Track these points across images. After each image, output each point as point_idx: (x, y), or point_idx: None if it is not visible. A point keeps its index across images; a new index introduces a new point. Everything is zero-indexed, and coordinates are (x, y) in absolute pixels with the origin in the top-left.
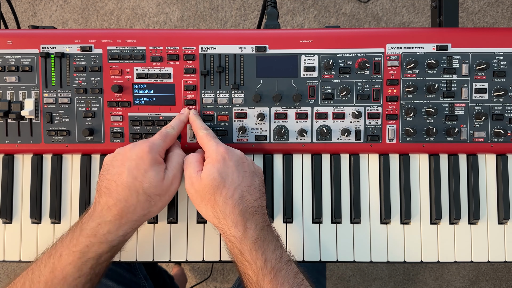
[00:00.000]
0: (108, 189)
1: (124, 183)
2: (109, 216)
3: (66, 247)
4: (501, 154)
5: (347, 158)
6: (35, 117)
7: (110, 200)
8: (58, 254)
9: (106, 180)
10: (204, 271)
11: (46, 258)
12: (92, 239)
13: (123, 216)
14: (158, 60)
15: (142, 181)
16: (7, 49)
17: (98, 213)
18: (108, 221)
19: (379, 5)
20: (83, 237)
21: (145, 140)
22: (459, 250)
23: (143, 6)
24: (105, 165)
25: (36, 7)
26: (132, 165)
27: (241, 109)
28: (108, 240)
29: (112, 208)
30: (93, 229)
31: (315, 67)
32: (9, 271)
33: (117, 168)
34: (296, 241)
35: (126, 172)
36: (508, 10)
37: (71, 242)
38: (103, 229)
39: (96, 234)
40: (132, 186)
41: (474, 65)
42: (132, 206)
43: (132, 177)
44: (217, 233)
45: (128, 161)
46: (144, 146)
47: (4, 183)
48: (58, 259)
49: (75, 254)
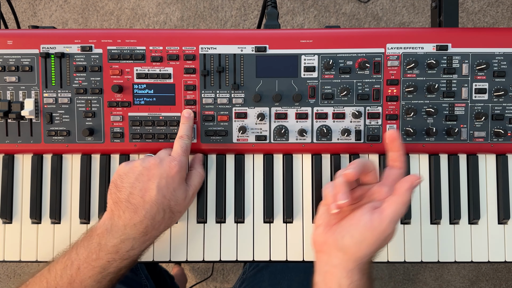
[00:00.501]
0: (133, 204)
1: (153, 200)
2: (134, 233)
3: (85, 261)
4: (501, 154)
5: (347, 158)
6: (35, 117)
7: (136, 217)
8: (75, 266)
9: (127, 193)
10: (204, 271)
11: (61, 268)
12: (114, 255)
13: (148, 233)
14: (158, 60)
15: (170, 199)
16: (7, 49)
17: (121, 229)
18: (132, 238)
19: (379, 5)
20: (104, 253)
21: (171, 158)
22: (459, 250)
23: (143, 6)
24: (122, 175)
25: (36, 7)
26: (162, 183)
27: (241, 109)
28: (130, 256)
29: (138, 225)
30: (115, 246)
31: (315, 67)
32: (9, 271)
33: (143, 184)
34: (296, 241)
35: (155, 190)
36: (508, 10)
37: (89, 257)
38: (126, 246)
39: (119, 251)
40: (160, 204)
41: (474, 65)
42: (158, 223)
43: (161, 195)
44: (217, 233)
45: (157, 178)
46: (173, 165)
47: (4, 183)
48: (76, 271)
49: (96, 269)
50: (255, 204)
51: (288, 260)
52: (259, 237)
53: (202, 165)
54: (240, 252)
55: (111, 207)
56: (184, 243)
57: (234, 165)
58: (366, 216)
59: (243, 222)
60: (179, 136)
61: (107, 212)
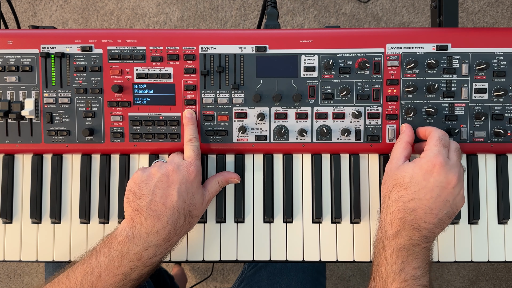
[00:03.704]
0: (155, 211)
1: (175, 206)
2: (157, 240)
3: (106, 268)
4: (501, 154)
5: (347, 158)
6: (35, 117)
7: (159, 224)
8: (96, 273)
9: (148, 200)
10: (204, 271)
11: (81, 275)
12: (137, 263)
13: (170, 239)
14: (158, 60)
15: (190, 204)
16: (7, 49)
17: (143, 237)
18: (155, 245)
19: (379, 5)
20: (127, 260)
21: (188, 163)
22: (459, 250)
23: (143, 6)
24: (140, 183)
25: (36, 7)
26: (182, 189)
27: (241, 109)
28: (152, 263)
29: (160, 232)
30: (138, 254)
31: (315, 67)
32: (9, 271)
33: (163, 190)
34: (296, 241)
35: (176, 195)
36: (508, 10)
37: (111, 264)
38: (149, 253)
39: (141, 259)
40: (182, 210)
41: (474, 65)
42: (179, 228)
43: (182, 201)
44: (217, 233)
45: (177, 184)
46: (191, 170)
47: (4, 183)
48: (97, 278)
49: (118, 276)
50: (255, 204)
51: (288, 260)
52: (259, 237)
53: (223, 176)
54: (240, 252)
55: (131, 215)
56: (184, 243)
57: (234, 165)
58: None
59: (243, 222)
60: (188, 139)
61: (127, 220)
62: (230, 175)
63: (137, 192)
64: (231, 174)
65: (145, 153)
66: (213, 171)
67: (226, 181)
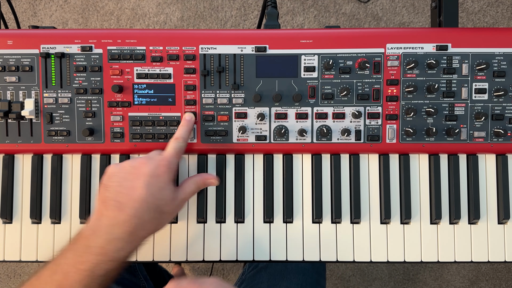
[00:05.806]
0: (119, 202)
1: (142, 198)
2: (119, 232)
3: (72, 266)
4: (501, 154)
5: (347, 158)
6: (35, 117)
7: (122, 215)
8: (63, 271)
9: (114, 192)
10: (204, 271)
11: (48, 274)
12: (101, 257)
13: (134, 233)
14: (158, 60)
15: (157, 198)
16: (7, 49)
17: (105, 228)
18: (118, 238)
19: (379, 5)
20: (91, 255)
21: (161, 157)
22: (459, 250)
23: (143, 6)
24: (111, 175)
25: (36, 7)
26: (150, 181)
27: (241, 109)
28: (118, 258)
29: (123, 224)
30: (102, 248)
31: (315, 67)
32: (9, 271)
33: (130, 182)
34: (296, 241)
35: (142, 187)
36: (508, 10)
37: (76, 259)
38: (113, 246)
39: (106, 253)
40: (149, 203)
41: (474, 65)
42: (145, 222)
43: (149, 193)
44: (217, 233)
45: (145, 176)
46: (162, 164)
47: (4, 183)
48: (64, 276)
49: (83, 272)
50: (255, 204)
51: (288, 260)
52: (259, 237)
53: (201, 178)
54: (240, 252)
55: (99, 207)
56: (184, 243)
57: (234, 165)
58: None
59: (243, 222)
60: (175, 137)
61: (94, 213)
62: (208, 177)
63: (107, 183)
64: (209, 175)
65: (145, 153)
66: (213, 171)
67: (204, 183)
